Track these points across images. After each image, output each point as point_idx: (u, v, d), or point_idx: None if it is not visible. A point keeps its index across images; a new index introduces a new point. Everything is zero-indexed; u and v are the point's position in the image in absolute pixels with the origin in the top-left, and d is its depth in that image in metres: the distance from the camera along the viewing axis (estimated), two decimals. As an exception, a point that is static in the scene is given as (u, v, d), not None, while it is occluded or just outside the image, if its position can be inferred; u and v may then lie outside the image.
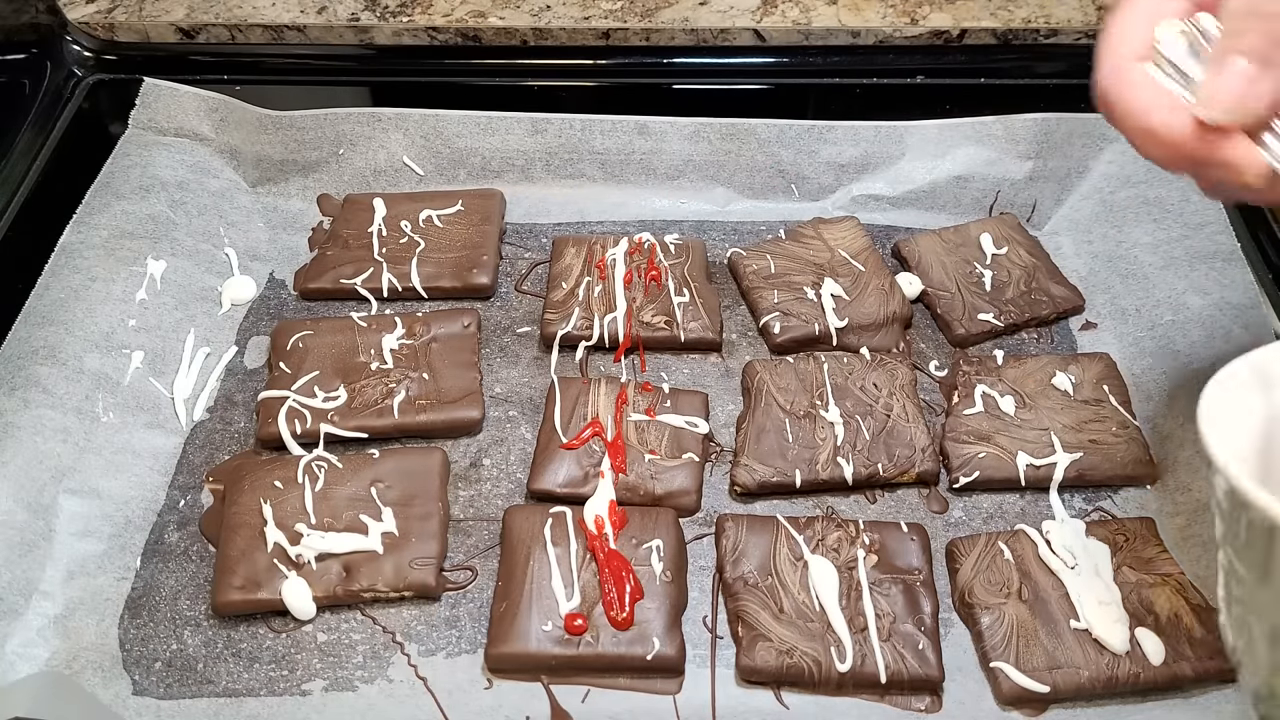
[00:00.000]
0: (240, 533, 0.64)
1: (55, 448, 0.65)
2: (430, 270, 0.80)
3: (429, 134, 0.86)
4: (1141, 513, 0.67)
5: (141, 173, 0.80)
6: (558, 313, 0.76)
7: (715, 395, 0.73)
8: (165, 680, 0.59)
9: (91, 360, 0.69)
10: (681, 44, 0.93)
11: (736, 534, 0.64)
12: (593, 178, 0.87)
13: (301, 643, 0.61)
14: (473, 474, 0.70)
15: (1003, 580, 0.62)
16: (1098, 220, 0.81)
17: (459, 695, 0.59)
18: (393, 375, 0.72)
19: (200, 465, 0.70)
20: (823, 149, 0.85)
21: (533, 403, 0.73)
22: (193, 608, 0.63)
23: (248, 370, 0.76)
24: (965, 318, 0.77)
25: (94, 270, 0.73)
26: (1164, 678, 0.58)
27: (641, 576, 0.62)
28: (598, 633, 0.60)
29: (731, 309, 0.79)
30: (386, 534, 0.64)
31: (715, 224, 0.85)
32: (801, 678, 0.59)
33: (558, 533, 0.64)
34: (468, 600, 0.63)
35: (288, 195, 0.86)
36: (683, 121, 0.85)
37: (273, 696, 0.59)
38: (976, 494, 0.69)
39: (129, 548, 0.65)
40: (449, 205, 0.84)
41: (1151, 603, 0.60)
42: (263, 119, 0.84)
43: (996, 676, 0.58)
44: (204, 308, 0.77)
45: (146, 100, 0.83)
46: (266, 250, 0.83)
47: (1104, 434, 0.69)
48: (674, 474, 0.67)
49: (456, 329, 0.75)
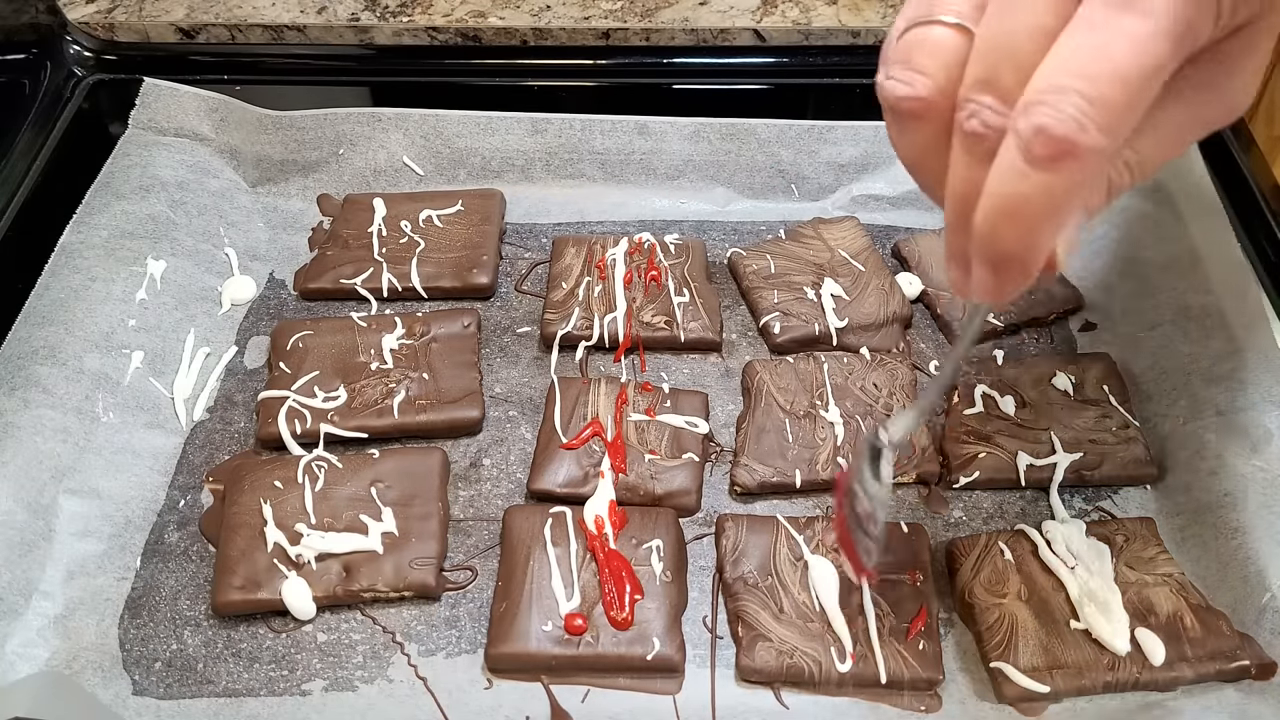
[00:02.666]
0: (240, 533, 0.64)
1: (55, 448, 0.65)
2: (430, 270, 0.80)
3: (429, 134, 0.86)
4: (1141, 513, 0.67)
5: (141, 173, 0.80)
6: (558, 313, 0.76)
7: (715, 395, 0.73)
8: (165, 680, 0.59)
9: (91, 360, 0.69)
10: (681, 44, 0.93)
11: (736, 534, 0.64)
12: (593, 178, 0.87)
13: (301, 643, 0.61)
14: (473, 474, 0.70)
15: (1003, 580, 0.62)
16: (1098, 220, 0.81)
17: (459, 695, 0.59)
18: (393, 375, 0.72)
19: (200, 465, 0.70)
20: (823, 149, 0.85)
21: (533, 403, 0.73)
22: (193, 608, 0.63)
23: (248, 370, 0.76)
24: (962, 315, 0.77)
25: (94, 270, 0.73)
26: (1164, 678, 0.58)
27: (641, 576, 0.62)
28: (598, 633, 0.59)
29: (731, 309, 0.79)
30: (386, 534, 0.64)
31: (715, 224, 0.85)
32: (801, 678, 0.59)
33: (558, 533, 0.64)
34: (468, 600, 0.63)
35: (288, 195, 0.86)
36: (683, 121, 0.85)
37: (273, 696, 0.59)
38: (976, 494, 0.69)
39: (129, 548, 0.65)
40: (449, 205, 0.84)
41: (1151, 603, 0.60)
42: (263, 119, 0.84)
43: (996, 676, 0.58)
44: (204, 308, 0.78)
45: (146, 100, 0.83)
46: (266, 250, 0.83)
47: (1104, 434, 0.69)
48: (674, 474, 0.67)
49: (456, 329, 0.75)
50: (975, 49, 0.35)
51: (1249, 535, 0.61)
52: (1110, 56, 0.32)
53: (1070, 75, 0.32)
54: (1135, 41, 0.32)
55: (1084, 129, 0.32)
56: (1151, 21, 0.32)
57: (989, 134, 0.34)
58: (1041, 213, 0.34)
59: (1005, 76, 0.34)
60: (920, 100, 0.37)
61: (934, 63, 0.37)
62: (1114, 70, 0.32)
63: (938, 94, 0.37)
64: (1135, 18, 0.32)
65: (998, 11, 0.35)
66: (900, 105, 0.37)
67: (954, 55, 0.36)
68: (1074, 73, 0.32)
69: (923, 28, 0.37)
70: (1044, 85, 0.32)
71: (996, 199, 0.34)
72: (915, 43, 0.37)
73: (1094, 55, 0.32)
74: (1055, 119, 0.32)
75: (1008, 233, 0.35)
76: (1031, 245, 0.35)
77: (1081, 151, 0.32)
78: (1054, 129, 0.32)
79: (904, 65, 0.37)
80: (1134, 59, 0.32)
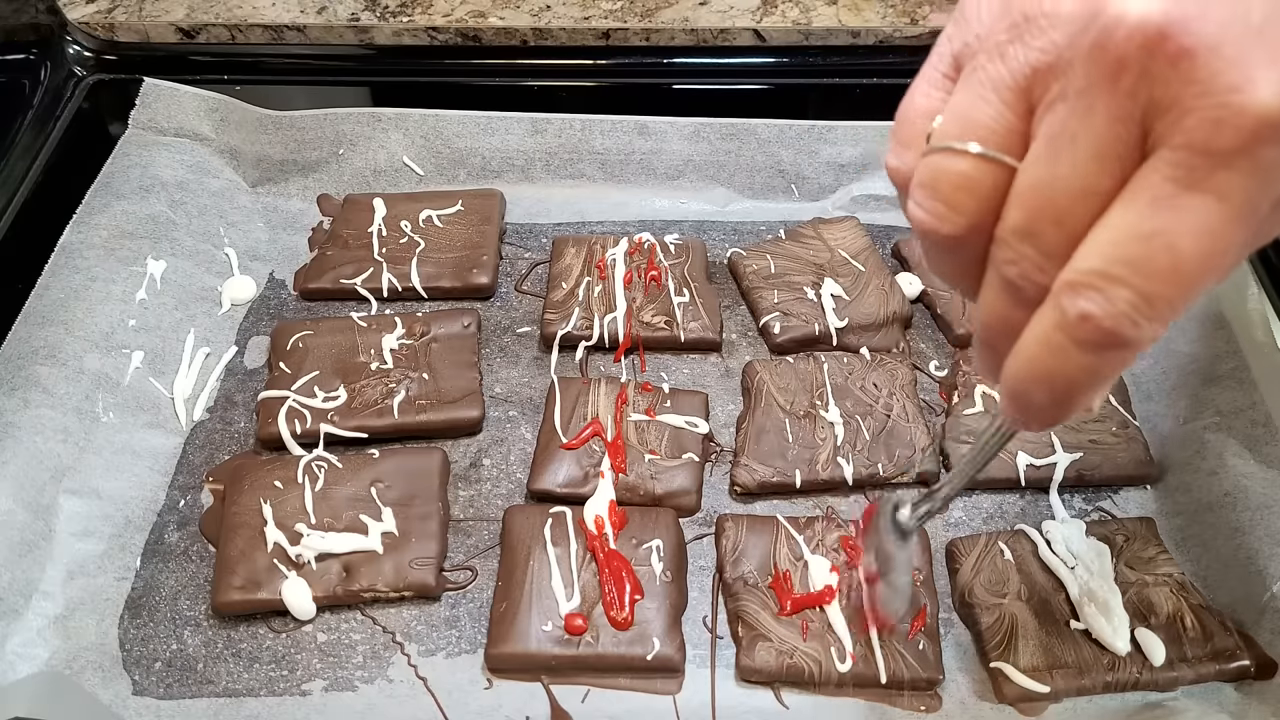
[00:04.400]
0: (240, 533, 0.64)
1: (55, 448, 0.65)
2: (430, 270, 0.80)
3: (429, 134, 0.86)
4: (1141, 513, 0.67)
5: (141, 173, 0.80)
6: (558, 313, 0.76)
7: (715, 395, 0.73)
8: (165, 680, 0.59)
9: (91, 360, 0.69)
10: (681, 44, 0.93)
11: (736, 534, 0.64)
12: (593, 178, 0.87)
13: (301, 643, 0.61)
14: (473, 474, 0.70)
15: (1003, 580, 0.62)
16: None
17: (459, 695, 0.59)
18: (393, 375, 0.72)
19: (200, 465, 0.70)
20: (823, 149, 0.85)
21: (533, 403, 0.73)
22: (193, 608, 0.63)
23: (248, 370, 0.76)
24: (965, 318, 0.76)
25: (94, 270, 0.73)
26: (1164, 678, 0.58)
27: (641, 576, 0.62)
28: (598, 633, 0.59)
29: (731, 309, 0.79)
30: (386, 534, 0.64)
31: (715, 224, 0.85)
32: (801, 678, 0.59)
33: (558, 533, 0.64)
34: (468, 600, 0.63)
35: (288, 195, 0.86)
36: (683, 121, 0.85)
37: (273, 696, 0.59)
38: (976, 494, 0.69)
39: (129, 548, 0.65)
40: (449, 205, 0.84)
41: (1151, 603, 0.60)
42: (263, 119, 0.84)
43: (996, 676, 0.58)
44: (204, 308, 0.78)
45: (146, 100, 0.83)
46: (266, 250, 0.83)
47: (1104, 434, 0.69)
48: (674, 474, 0.67)
49: (456, 329, 0.75)
50: (1016, 191, 0.31)
51: (1249, 535, 0.61)
52: (1172, 248, 0.27)
53: (1123, 265, 0.28)
54: (1204, 232, 0.27)
55: (1134, 324, 0.28)
56: (1227, 207, 0.27)
57: (1029, 285, 0.31)
58: (1077, 387, 0.31)
59: (1050, 233, 0.30)
60: (953, 239, 0.33)
61: (968, 202, 0.32)
62: (1174, 265, 0.27)
63: (970, 231, 0.32)
64: (1207, 201, 0.27)
65: (1045, 158, 0.30)
66: (931, 237, 0.34)
67: (990, 190, 0.32)
68: (1127, 263, 0.28)
69: (952, 156, 0.32)
70: (1094, 268, 0.28)
71: (1032, 364, 0.31)
72: (946, 171, 0.32)
73: (1152, 246, 0.28)
74: (1105, 311, 0.28)
75: (1039, 395, 0.32)
76: (1063, 410, 0.32)
77: (1131, 343, 0.29)
78: (1101, 321, 0.28)
79: (932, 195, 0.33)
80: (1200, 251, 0.27)
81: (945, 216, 0.32)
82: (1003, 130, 0.31)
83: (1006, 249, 0.31)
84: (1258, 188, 0.27)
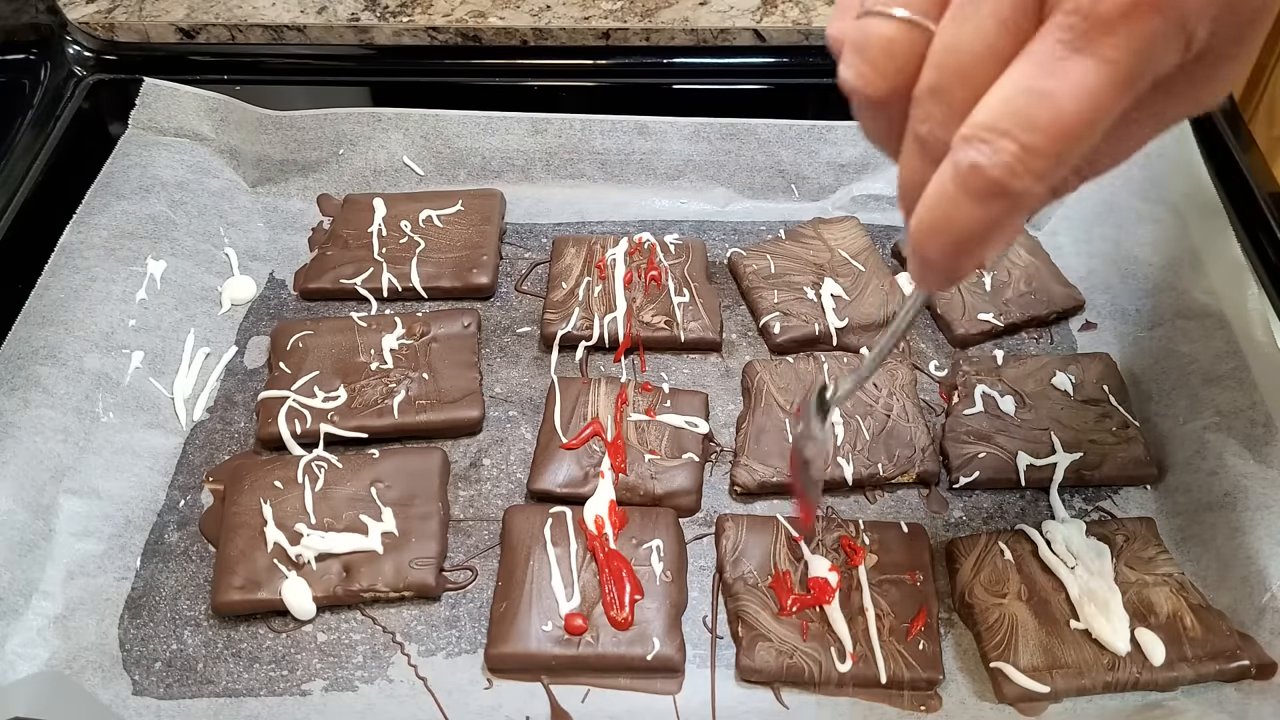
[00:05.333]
0: (240, 533, 0.64)
1: (55, 448, 0.65)
2: (430, 270, 0.80)
3: (429, 134, 0.86)
4: (1141, 513, 0.67)
5: (141, 173, 0.80)
6: (558, 313, 0.76)
7: (715, 395, 0.73)
8: (165, 680, 0.59)
9: (91, 360, 0.69)
10: (681, 44, 0.93)
11: (736, 534, 0.64)
12: (593, 178, 0.87)
13: (301, 643, 0.61)
14: (473, 474, 0.70)
15: (1003, 580, 0.62)
16: (1098, 220, 0.81)
17: (459, 695, 0.59)
18: (393, 375, 0.72)
19: (200, 465, 0.70)
20: (823, 149, 0.85)
21: (533, 403, 0.73)
22: (193, 608, 0.63)
23: (248, 370, 0.76)
24: (965, 318, 0.77)
25: (94, 270, 0.73)
26: (1164, 678, 0.58)
27: (641, 576, 0.62)
28: (598, 633, 0.60)
29: (731, 309, 0.79)
30: (386, 534, 0.64)
31: (715, 224, 0.85)
32: (801, 678, 0.59)
33: (558, 533, 0.64)
34: (468, 600, 0.63)
35: (288, 195, 0.86)
36: (683, 121, 0.85)
37: (273, 696, 0.59)
38: (976, 494, 0.69)
39: (129, 548, 0.65)
40: (449, 205, 0.84)
41: (1151, 603, 0.60)
42: (263, 119, 0.84)
43: (996, 676, 0.58)
44: (204, 308, 0.78)
45: (146, 100, 0.83)
46: (266, 250, 0.83)
47: (1104, 434, 0.69)
48: (674, 474, 0.67)
49: (456, 329, 0.75)
50: (931, 52, 0.33)
51: (1249, 535, 0.61)
52: (1054, 105, 0.30)
53: (1010, 119, 0.30)
54: (1084, 93, 0.30)
55: (1016, 175, 0.31)
56: (1108, 70, 0.30)
57: (936, 143, 0.33)
58: (968, 238, 0.33)
59: (956, 90, 0.32)
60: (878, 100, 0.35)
61: (890, 63, 0.34)
62: (1056, 120, 0.30)
63: (891, 93, 0.35)
64: (1089, 63, 0.30)
65: (954, 20, 0.33)
66: (856, 97, 0.36)
67: (910, 52, 0.34)
68: (1014, 117, 0.30)
69: (880, 19, 0.34)
70: (984, 121, 0.31)
71: (928, 214, 0.33)
72: (872, 34, 0.35)
73: (1037, 102, 0.30)
74: (989, 161, 0.31)
75: (934, 247, 0.34)
76: (956, 262, 0.35)
77: (1013, 194, 0.31)
78: (987, 170, 0.31)
79: (860, 57, 0.35)
80: (1080, 110, 0.30)
81: (869, 79, 0.35)
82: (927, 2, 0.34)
83: (919, 107, 0.34)
84: (1138, 57, 0.30)
